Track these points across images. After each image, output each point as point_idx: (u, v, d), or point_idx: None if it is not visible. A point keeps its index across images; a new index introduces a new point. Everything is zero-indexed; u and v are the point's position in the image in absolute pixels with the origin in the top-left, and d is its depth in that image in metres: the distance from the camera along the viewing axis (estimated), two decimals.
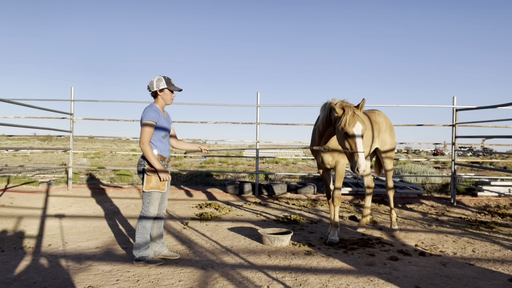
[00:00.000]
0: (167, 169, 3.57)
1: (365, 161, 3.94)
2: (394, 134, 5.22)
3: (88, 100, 8.20)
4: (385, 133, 5.05)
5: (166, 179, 3.49)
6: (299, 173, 8.73)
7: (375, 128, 4.91)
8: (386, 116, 5.23)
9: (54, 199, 6.89)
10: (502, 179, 8.72)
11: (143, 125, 3.42)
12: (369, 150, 4.81)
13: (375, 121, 4.98)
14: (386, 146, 5.06)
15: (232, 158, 21.89)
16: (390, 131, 5.13)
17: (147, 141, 3.41)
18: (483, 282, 3.18)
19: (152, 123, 3.43)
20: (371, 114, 5.10)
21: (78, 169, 12.31)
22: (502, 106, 6.11)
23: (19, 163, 17.19)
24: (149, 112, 3.44)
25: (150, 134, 3.43)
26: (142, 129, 3.41)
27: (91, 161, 19.66)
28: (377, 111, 5.23)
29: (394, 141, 5.17)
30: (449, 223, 5.58)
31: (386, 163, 5.11)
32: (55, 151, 25.69)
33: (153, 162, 3.42)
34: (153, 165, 3.44)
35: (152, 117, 3.43)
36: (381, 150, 5.07)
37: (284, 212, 6.18)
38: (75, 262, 3.53)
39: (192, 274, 3.25)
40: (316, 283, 3.10)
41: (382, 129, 5.03)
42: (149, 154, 3.40)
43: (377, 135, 4.94)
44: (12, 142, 48.27)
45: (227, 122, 7.81)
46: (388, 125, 5.14)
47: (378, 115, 5.14)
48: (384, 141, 5.04)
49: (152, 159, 3.41)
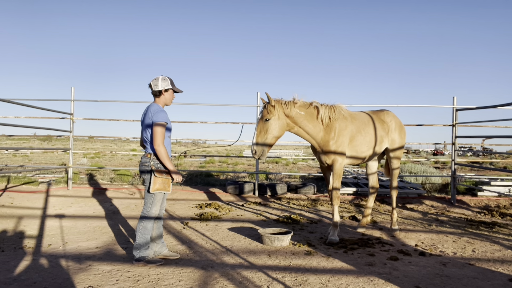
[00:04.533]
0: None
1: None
2: (405, 134, 5.18)
3: (88, 100, 8.21)
4: (395, 133, 5.00)
5: (179, 180, 3.53)
6: (299, 173, 8.73)
7: (382, 128, 4.87)
8: (395, 116, 5.16)
9: (54, 199, 6.89)
10: (502, 179, 8.72)
11: (157, 125, 3.40)
12: (373, 150, 4.77)
13: (382, 121, 4.94)
14: (394, 146, 5.04)
15: (232, 158, 21.90)
16: (400, 130, 5.08)
17: (162, 141, 3.42)
18: (483, 282, 3.18)
19: (164, 124, 3.45)
20: (379, 114, 5.06)
21: (78, 169, 12.31)
22: (502, 106, 6.11)
23: (19, 163, 17.19)
24: (161, 113, 3.46)
25: (164, 135, 3.45)
26: (155, 130, 3.40)
27: (91, 161, 19.65)
28: (385, 111, 5.16)
29: (403, 140, 5.13)
30: (449, 223, 5.58)
31: (393, 163, 5.10)
32: (55, 151, 25.69)
33: (167, 164, 3.45)
34: (166, 167, 3.47)
35: (164, 117, 3.46)
36: (390, 149, 5.05)
37: (284, 212, 6.18)
38: (75, 262, 3.53)
39: (192, 274, 3.25)
40: (316, 283, 3.10)
41: (391, 129, 4.98)
42: (164, 155, 3.42)
43: (385, 134, 4.90)
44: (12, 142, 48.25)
45: (227, 122, 7.83)
46: (398, 124, 5.09)
47: (387, 114, 5.07)
48: (393, 140, 5.01)
49: (167, 160, 3.43)
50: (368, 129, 4.71)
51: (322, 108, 4.39)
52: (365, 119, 4.80)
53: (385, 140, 4.94)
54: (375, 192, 5.31)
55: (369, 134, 4.69)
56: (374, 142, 4.74)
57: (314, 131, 4.36)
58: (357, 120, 4.67)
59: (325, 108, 4.41)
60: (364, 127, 4.67)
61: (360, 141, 4.60)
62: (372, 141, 4.72)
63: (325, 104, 4.47)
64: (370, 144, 4.71)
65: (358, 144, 4.58)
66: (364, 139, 4.63)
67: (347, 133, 4.46)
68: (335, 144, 4.38)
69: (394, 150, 5.06)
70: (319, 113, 4.36)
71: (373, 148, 4.76)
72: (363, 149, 4.65)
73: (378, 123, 4.87)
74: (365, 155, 4.71)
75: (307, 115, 4.32)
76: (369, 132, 4.70)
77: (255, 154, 4.16)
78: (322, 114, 4.36)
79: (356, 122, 4.62)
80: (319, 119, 4.37)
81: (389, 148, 5.04)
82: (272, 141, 4.20)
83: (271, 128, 4.15)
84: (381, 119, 4.96)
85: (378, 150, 4.86)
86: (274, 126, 4.15)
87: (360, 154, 4.65)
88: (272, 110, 4.14)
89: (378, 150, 4.86)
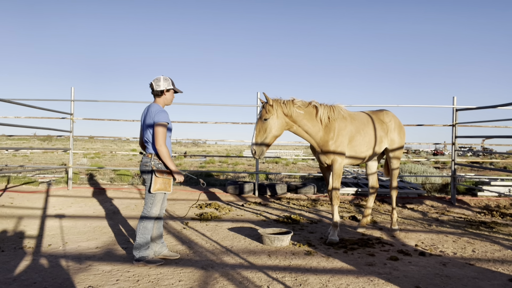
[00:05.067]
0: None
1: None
2: (404, 134, 5.18)
3: (88, 100, 8.22)
4: (394, 133, 5.01)
5: (181, 180, 3.54)
6: (299, 173, 8.74)
7: (381, 128, 4.88)
8: (395, 116, 5.17)
9: (54, 199, 6.89)
10: (502, 179, 8.72)
11: (158, 126, 3.41)
12: (372, 150, 4.77)
13: (382, 121, 4.94)
14: (394, 146, 5.04)
15: (232, 158, 21.90)
16: (399, 130, 5.08)
17: (164, 142, 3.43)
18: (483, 282, 3.18)
19: (166, 124, 3.46)
20: (378, 114, 5.06)
21: (78, 169, 12.31)
22: (502, 106, 6.10)
23: (19, 163, 17.19)
24: (162, 113, 3.47)
25: (165, 135, 3.46)
26: (157, 130, 3.40)
27: (91, 161, 19.65)
28: (385, 111, 5.16)
29: (403, 140, 5.13)
30: (449, 223, 5.58)
31: (393, 163, 5.10)
32: (55, 151, 25.68)
33: (169, 164, 3.46)
34: (168, 167, 3.48)
35: (165, 118, 3.47)
36: (389, 149, 5.05)
37: (284, 212, 6.18)
38: (75, 262, 3.53)
39: (192, 274, 3.25)
40: (316, 283, 3.10)
41: (390, 129, 4.98)
42: (166, 155, 3.43)
43: (384, 135, 4.90)
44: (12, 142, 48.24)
45: (227, 122, 7.83)
46: (397, 124, 5.09)
47: (386, 115, 5.07)
48: (393, 141, 5.01)
49: (169, 161, 3.44)
50: (367, 129, 4.71)
51: (321, 107, 4.40)
52: (364, 119, 4.81)
53: (385, 140, 4.94)
54: (375, 192, 5.31)
55: (368, 134, 4.70)
56: (373, 142, 4.75)
57: (313, 131, 4.37)
58: (357, 121, 4.67)
59: (324, 108, 4.42)
60: (363, 127, 4.68)
61: (360, 141, 4.60)
62: (371, 141, 4.72)
63: (324, 104, 4.48)
64: (370, 144, 4.71)
65: (357, 144, 4.59)
66: (363, 139, 4.63)
67: (346, 133, 4.46)
68: (335, 144, 4.38)
69: (394, 150, 5.06)
70: (318, 112, 4.37)
71: (373, 148, 4.76)
72: (363, 149, 4.66)
73: (377, 123, 4.87)
74: (364, 155, 4.71)
75: (306, 114, 4.33)
76: (368, 133, 4.70)
77: (255, 154, 4.19)
78: (321, 114, 4.37)
79: (356, 123, 4.63)
80: (318, 118, 4.38)
81: (388, 148, 5.04)
82: (271, 140, 4.23)
83: (270, 128, 4.17)
84: (380, 119, 4.96)
85: (377, 150, 4.87)
86: (273, 125, 4.18)
87: (360, 154, 4.66)
88: (270, 110, 4.17)
89: (377, 150, 4.87)
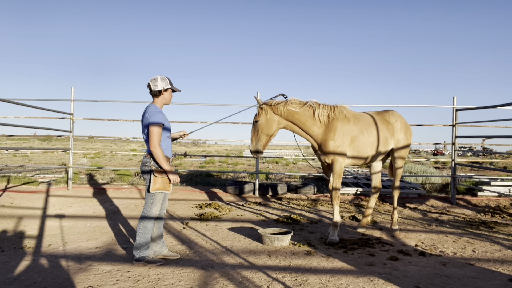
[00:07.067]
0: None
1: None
2: (411, 134, 5.16)
3: (88, 100, 8.21)
4: (400, 133, 4.99)
5: (176, 181, 3.52)
6: (299, 173, 8.73)
7: (387, 129, 4.86)
8: (401, 116, 5.13)
9: (54, 199, 6.89)
10: (502, 179, 8.72)
11: (152, 126, 3.40)
12: (376, 151, 4.75)
13: (387, 122, 4.93)
14: (399, 146, 5.02)
15: (232, 158, 21.90)
16: (406, 130, 5.06)
17: (158, 143, 3.42)
18: (483, 282, 3.18)
19: (160, 125, 3.44)
20: (384, 114, 5.04)
21: (78, 169, 12.31)
22: (502, 106, 6.10)
23: (19, 163, 17.19)
24: (156, 114, 3.45)
25: (160, 136, 3.44)
26: (151, 131, 3.39)
27: (91, 161, 19.65)
28: (390, 111, 5.14)
29: (409, 140, 5.11)
30: (449, 223, 5.58)
31: (397, 162, 5.07)
32: (55, 151, 25.68)
33: (163, 165, 3.44)
34: (163, 167, 3.46)
35: (160, 118, 3.45)
36: (395, 149, 5.02)
37: (284, 212, 6.18)
38: (75, 262, 3.53)
39: (192, 274, 3.25)
40: (316, 283, 3.10)
41: (396, 129, 4.96)
42: (160, 156, 3.42)
43: (390, 135, 4.88)
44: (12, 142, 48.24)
45: (227, 122, 7.81)
46: (403, 124, 5.07)
47: (392, 115, 5.05)
48: (398, 141, 4.99)
49: (163, 161, 3.43)
50: (371, 130, 4.70)
51: (320, 107, 4.41)
52: (368, 120, 4.79)
53: (390, 141, 4.92)
54: (377, 192, 5.27)
55: (372, 135, 4.68)
56: (377, 143, 4.73)
57: (311, 130, 4.40)
58: (360, 121, 4.66)
59: (323, 107, 4.42)
60: (367, 128, 4.66)
61: (363, 142, 4.59)
62: (375, 142, 4.70)
63: (324, 104, 4.48)
64: (374, 145, 4.69)
65: (360, 144, 4.58)
66: (367, 140, 4.62)
67: (348, 133, 4.46)
68: (335, 144, 4.38)
69: (399, 149, 5.03)
70: (315, 111, 4.38)
71: (377, 148, 4.74)
72: (366, 150, 4.65)
73: (382, 124, 4.85)
74: (367, 155, 4.70)
75: (302, 113, 4.38)
76: (372, 133, 4.69)
77: (252, 153, 4.47)
78: (318, 113, 4.38)
79: (359, 123, 4.62)
80: (317, 118, 4.38)
81: (394, 148, 5.02)
82: (264, 139, 4.43)
83: (261, 128, 4.39)
84: (386, 120, 4.95)
85: (382, 151, 4.84)
86: (264, 125, 4.39)
87: (363, 154, 4.65)
88: (260, 112, 4.40)
89: (382, 151, 4.84)
